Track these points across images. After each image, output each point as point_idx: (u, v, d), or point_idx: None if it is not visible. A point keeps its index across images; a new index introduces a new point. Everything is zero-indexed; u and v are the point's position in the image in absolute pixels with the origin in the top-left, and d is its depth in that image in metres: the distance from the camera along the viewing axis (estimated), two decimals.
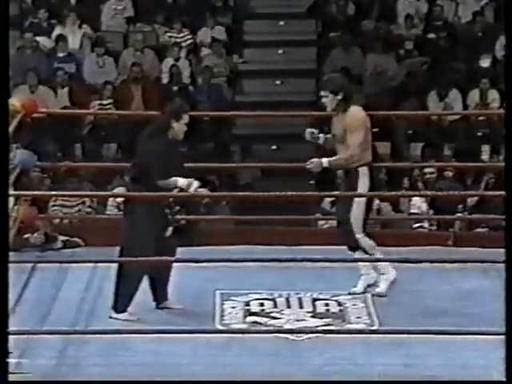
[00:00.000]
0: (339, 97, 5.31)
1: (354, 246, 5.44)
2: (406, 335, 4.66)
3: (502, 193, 3.96)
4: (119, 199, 7.78)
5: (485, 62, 9.61)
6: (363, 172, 5.32)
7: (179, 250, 5.36)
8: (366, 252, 5.37)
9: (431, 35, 9.98)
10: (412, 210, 8.27)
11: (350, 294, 5.44)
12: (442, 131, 9.24)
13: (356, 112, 5.32)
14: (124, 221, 5.23)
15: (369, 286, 5.43)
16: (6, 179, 3.52)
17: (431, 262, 5.27)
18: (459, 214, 8.05)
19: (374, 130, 9.36)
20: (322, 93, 5.43)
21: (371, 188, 5.31)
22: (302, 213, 7.16)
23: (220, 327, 5.14)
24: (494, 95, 9.46)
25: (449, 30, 9.98)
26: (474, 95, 9.45)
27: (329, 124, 5.47)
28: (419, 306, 5.32)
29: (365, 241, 5.37)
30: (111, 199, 7.75)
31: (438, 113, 9.12)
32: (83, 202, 7.82)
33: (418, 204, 8.23)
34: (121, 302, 5.10)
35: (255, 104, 9.05)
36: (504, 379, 3.42)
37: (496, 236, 7.38)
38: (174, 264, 5.32)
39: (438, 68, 9.56)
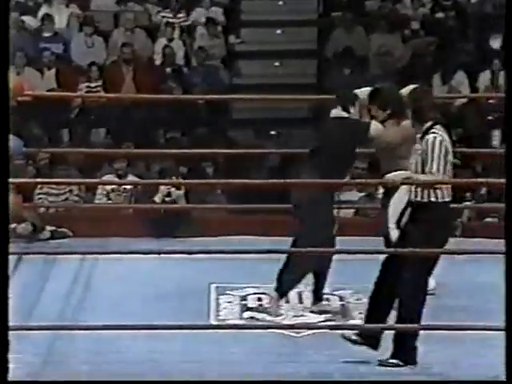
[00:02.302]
0: (388, 111, 5.11)
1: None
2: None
3: (502, 180, 3.67)
4: (109, 187, 7.52)
5: (495, 43, 9.31)
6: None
7: (172, 241, 5.25)
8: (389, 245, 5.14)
9: (439, 14, 9.74)
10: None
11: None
12: (449, 115, 8.90)
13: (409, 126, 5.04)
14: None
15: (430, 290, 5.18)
16: (7, 169, 3.30)
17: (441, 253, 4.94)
18: (467, 203, 7.72)
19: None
20: (370, 106, 5.20)
21: None
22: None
23: (215, 323, 5.02)
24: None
25: (458, 8, 9.75)
26: (485, 77, 9.14)
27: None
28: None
29: (394, 233, 5.09)
30: (101, 187, 7.47)
31: (447, 96, 8.77)
32: (70, 191, 7.54)
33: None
34: (283, 287, 5.05)
35: (253, 87, 8.75)
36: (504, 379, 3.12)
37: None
38: (166, 256, 5.13)
39: (446, 49, 9.29)
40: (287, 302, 5.29)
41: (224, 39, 9.61)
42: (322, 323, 4.95)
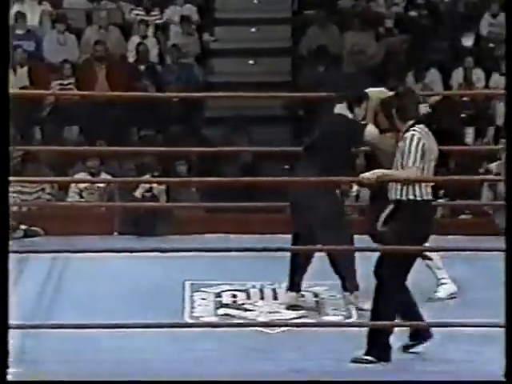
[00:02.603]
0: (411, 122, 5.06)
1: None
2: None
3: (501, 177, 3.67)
4: (82, 185, 7.47)
5: (468, 41, 9.37)
6: None
7: (149, 239, 5.17)
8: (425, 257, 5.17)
9: (412, 13, 9.78)
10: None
11: (430, 299, 5.22)
12: (423, 113, 8.93)
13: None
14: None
15: (452, 294, 5.26)
16: (7, 167, 3.30)
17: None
18: (441, 200, 7.75)
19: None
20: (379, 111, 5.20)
21: None
22: (275, 199, 6.83)
23: (189, 320, 5.00)
24: (478, 74, 9.21)
25: (431, 7, 9.78)
26: (458, 75, 9.18)
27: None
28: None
29: None
30: (73, 185, 7.42)
31: (424, 93, 8.81)
32: (43, 189, 7.48)
33: None
34: (350, 283, 5.04)
35: (228, 85, 8.73)
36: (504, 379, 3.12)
37: (480, 223, 7.12)
38: (141, 254, 5.09)
39: (420, 47, 9.32)
40: (262, 298, 5.27)
41: (198, 37, 9.59)
42: (297, 320, 4.93)
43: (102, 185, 7.47)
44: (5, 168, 3.43)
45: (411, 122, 4.48)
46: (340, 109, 5.16)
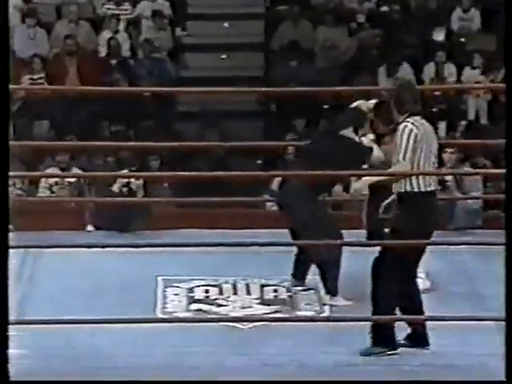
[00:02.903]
0: (392, 126, 5.06)
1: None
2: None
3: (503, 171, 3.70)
4: (52, 180, 7.42)
5: (439, 36, 9.41)
6: None
7: (122, 234, 5.11)
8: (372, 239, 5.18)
9: (384, 8, 9.80)
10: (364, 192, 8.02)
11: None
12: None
13: None
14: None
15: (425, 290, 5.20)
16: (6, 162, 3.28)
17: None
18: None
19: (325, 106, 9.07)
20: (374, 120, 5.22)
21: None
22: (249, 194, 6.83)
23: (162, 316, 4.98)
24: (450, 69, 9.25)
25: (402, 2, 9.78)
26: (430, 70, 9.22)
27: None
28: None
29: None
30: (43, 180, 7.37)
31: (392, 88, 8.81)
32: (14, 184, 7.42)
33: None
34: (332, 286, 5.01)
35: (200, 79, 8.70)
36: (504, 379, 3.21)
37: None
38: (113, 249, 5.05)
39: (392, 42, 9.35)
40: (235, 293, 5.27)
41: (171, 32, 9.56)
42: (270, 315, 4.92)
43: (72, 180, 7.42)
44: (4, 163, 3.40)
45: (406, 115, 4.45)
46: (347, 132, 5.16)
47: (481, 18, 9.65)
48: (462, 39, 9.56)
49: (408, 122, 4.43)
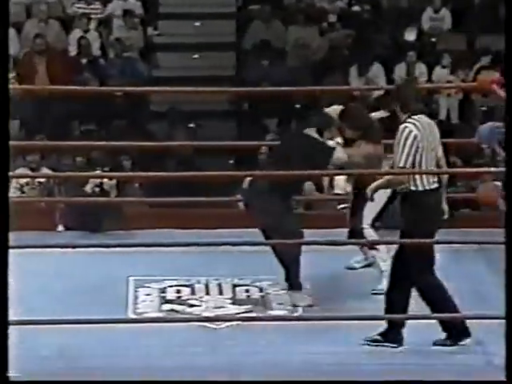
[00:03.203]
0: (359, 132, 5.16)
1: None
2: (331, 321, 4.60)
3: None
4: (23, 181, 7.37)
5: (410, 35, 9.46)
6: None
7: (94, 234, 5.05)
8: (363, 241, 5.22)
9: (355, 8, 9.82)
10: (336, 191, 8.04)
11: (375, 293, 5.19)
12: (366, 108, 8.99)
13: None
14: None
15: None
16: (7, 162, 3.19)
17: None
18: None
19: (297, 106, 9.07)
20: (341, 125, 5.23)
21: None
22: (221, 194, 6.83)
23: (133, 316, 4.95)
24: (421, 69, 9.30)
25: (373, 2, 9.82)
26: (401, 69, 9.26)
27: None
28: (345, 290, 5.20)
29: (369, 232, 5.21)
30: (14, 180, 7.31)
31: (364, 87, 8.88)
32: None
33: (342, 184, 8.00)
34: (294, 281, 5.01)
35: (172, 79, 8.68)
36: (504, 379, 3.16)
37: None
38: (84, 250, 5.00)
39: (363, 42, 9.38)
40: (207, 293, 5.26)
41: (142, 31, 9.53)
42: (242, 314, 4.92)
43: (42, 180, 7.37)
44: (5, 163, 3.38)
45: (407, 115, 4.43)
46: (309, 131, 5.17)
47: (451, 18, 9.72)
48: (433, 39, 9.63)
49: (409, 122, 4.41)
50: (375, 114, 5.34)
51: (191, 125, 8.91)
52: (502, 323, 3.67)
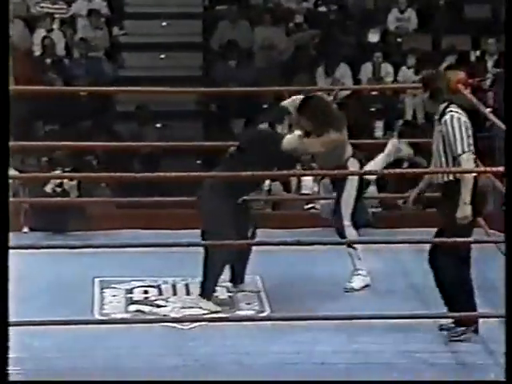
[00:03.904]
0: (316, 122, 5.07)
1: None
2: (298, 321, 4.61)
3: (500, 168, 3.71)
4: None
5: (374, 37, 9.51)
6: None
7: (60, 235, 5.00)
8: (344, 238, 5.16)
9: (322, 8, 9.85)
10: (303, 191, 8.07)
11: (347, 290, 5.19)
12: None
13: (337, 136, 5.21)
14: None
15: (366, 285, 5.23)
16: (6, 162, 3.24)
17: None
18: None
19: (264, 106, 9.07)
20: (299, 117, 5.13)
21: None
22: (188, 195, 6.81)
23: (99, 317, 4.91)
24: (387, 69, 9.35)
25: (340, 3, 9.87)
26: (367, 69, 9.30)
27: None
28: (311, 290, 5.18)
29: (350, 230, 5.18)
30: None
31: (331, 88, 8.90)
32: None
33: (310, 184, 8.04)
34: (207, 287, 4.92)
35: (138, 79, 8.64)
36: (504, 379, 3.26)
37: (392, 216, 7.22)
38: (47, 250, 4.98)
39: (329, 42, 9.41)
40: (174, 294, 5.23)
41: (107, 31, 9.48)
42: (210, 315, 4.89)
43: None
44: (5, 163, 3.33)
45: (445, 104, 4.44)
46: (261, 126, 5.15)
47: (417, 19, 9.78)
48: (399, 39, 9.68)
49: (453, 111, 4.40)
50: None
51: (158, 125, 8.88)
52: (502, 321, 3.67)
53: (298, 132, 5.04)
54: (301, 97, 5.16)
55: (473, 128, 4.50)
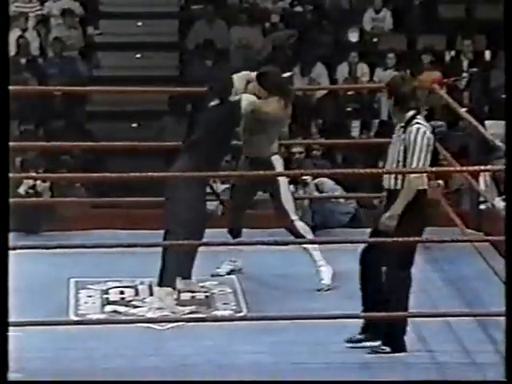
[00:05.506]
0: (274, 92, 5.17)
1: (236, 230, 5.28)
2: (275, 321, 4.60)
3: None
4: None
5: (353, 36, 9.53)
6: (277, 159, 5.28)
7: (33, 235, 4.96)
8: (299, 235, 5.16)
9: (298, 8, 9.86)
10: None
11: (318, 290, 5.20)
12: (309, 108, 9.05)
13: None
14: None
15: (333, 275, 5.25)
16: (6, 163, 3.11)
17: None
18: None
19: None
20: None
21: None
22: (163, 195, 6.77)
23: (75, 318, 4.87)
24: (363, 69, 9.37)
25: (316, 2, 9.88)
26: (343, 69, 9.32)
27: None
28: (289, 289, 5.18)
29: (299, 224, 5.21)
30: None
31: (306, 87, 8.92)
32: None
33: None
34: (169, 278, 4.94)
35: (113, 79, 8.59)
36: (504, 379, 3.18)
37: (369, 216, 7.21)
38: (21, 251, 4.91)
39: (306, 42, 9.42)
40: (151, 294, 5.21)
41: (82, 30, 9.43)
42: (187, 315, 4.88)
43: None
44: (5, 164, 3.30)
45: (412, 113, 4.29)
46: (214, 103, 5.16)
47: (392, 19, 9.81)
48: (375, 39, 9.71)
49: (420, 124, 4.27)
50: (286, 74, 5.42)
51: (134, 125, 8.84)
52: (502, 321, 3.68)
53: (252, 97, 5.10)
54: (249, 72, 5.23)
55: (447, 128, 4.50)
